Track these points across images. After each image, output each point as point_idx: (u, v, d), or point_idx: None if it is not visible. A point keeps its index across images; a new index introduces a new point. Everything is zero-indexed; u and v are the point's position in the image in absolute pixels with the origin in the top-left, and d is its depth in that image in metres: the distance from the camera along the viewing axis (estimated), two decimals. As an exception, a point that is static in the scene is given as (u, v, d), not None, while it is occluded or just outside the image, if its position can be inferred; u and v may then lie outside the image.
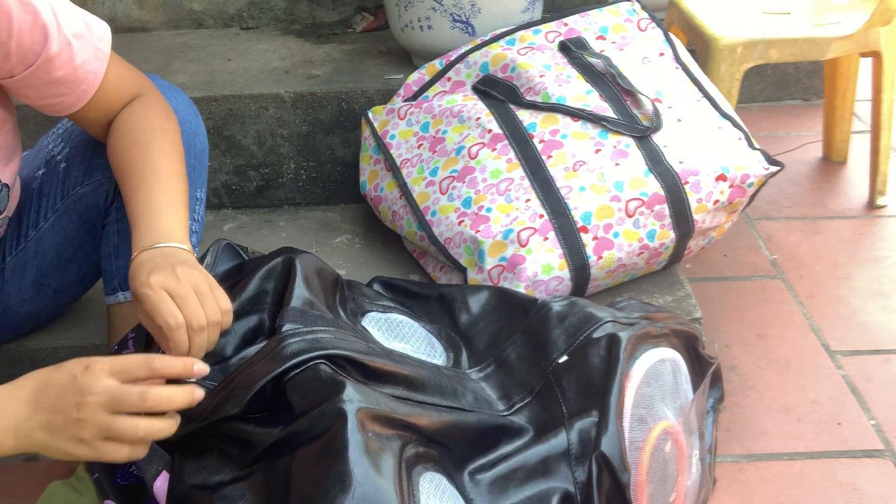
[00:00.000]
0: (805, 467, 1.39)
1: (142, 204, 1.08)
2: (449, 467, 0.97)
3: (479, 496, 0.97)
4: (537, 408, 1.06)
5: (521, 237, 1.41)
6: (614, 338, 1.07)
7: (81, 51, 1.11)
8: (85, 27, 1.12)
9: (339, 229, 1.82)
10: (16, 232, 1.35)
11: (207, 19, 2.28)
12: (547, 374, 1.07)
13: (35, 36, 1.06)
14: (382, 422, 0.91)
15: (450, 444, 0.98)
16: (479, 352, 1.14)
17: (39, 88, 1.12)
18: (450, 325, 1.18)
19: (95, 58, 1.13)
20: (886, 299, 1.77)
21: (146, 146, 1.13)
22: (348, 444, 0.86)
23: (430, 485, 0.92)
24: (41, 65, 1.08)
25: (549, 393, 1.06)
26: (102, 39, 1.14)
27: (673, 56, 1.63)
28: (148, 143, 1.13)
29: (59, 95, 1.13)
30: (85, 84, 1.13)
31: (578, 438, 1.02)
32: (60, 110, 1.15)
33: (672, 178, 1.45)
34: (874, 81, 1.99)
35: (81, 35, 1.11)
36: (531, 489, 0.99)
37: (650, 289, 1.54)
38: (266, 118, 1.86)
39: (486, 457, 1.00)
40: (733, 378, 1.57)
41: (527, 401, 1.07)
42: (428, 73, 1.69)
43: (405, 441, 0.92)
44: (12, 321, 1.41)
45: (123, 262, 1.32)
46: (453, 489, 0.95)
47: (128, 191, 1.11)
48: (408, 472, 0.90)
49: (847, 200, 2.12)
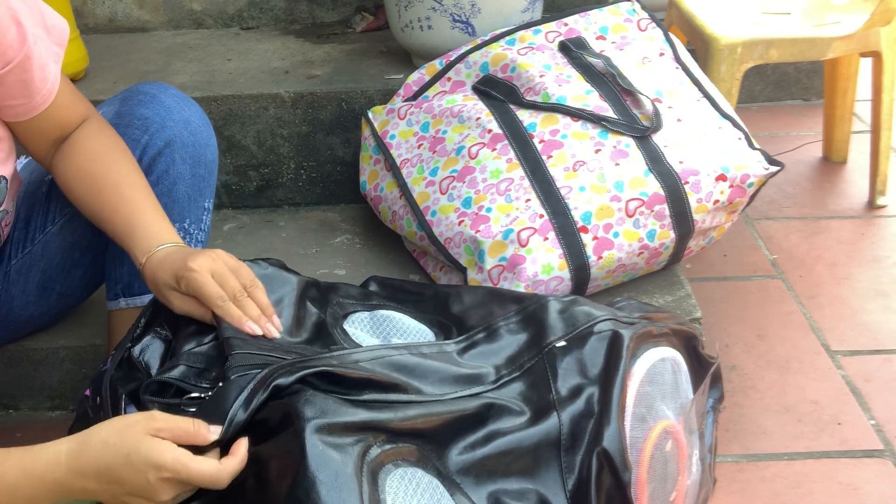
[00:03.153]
0: (805, 467, 1.39)
1: (133, 216, 1.13)
2: (427, 457, 0.95)
3: (464, 478, 0.96)
4: (524, 386, 1.04)
5: (521, 237, 1.41)
6: (617, 335, 1.06)
7: (44, 52, 1.13)
8: (44, 29, 1.14)
9: (339, 229, 1.82)
10: (23, 234, 1.35)
11: (207, 19, 2.28)
12: (541, 355, 1.06)
13: (17, 32, 1.07)
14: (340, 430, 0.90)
15: (425, 435, 0.96)
16: (469, 328, 1.12)
17: (11, 87, 1.12)
18: (442, 313, 1.17)
19: (55, 62, 1.15)
20: (886, 299, 1.77)
21: (117, 163, 1.18)
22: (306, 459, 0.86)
23: (402, 482, 0.90)
24: (20, 62, 1.09)
25: (539, 373, 1.05)
26: (60, 43, 1.17)
27: (673, 56, 1.63)
28: (117, 160, 1.18)
29: (25, 97, 1.14)
30: (49, 86, 1.15)
31: (570, 426, 1.01)
32: (21, 113, 1.16)
33: (672, 178, 1.45)
34: (874, 81, 1.99)
35: (42, 37, 1.13)
36: (517, 476, 0.98)
37: (650, 289, 1.54)
38: (266, 118, 1.86)
39: (473, 435, 0.98)
40: (733, 378, 1.57)
41: (514, 376, 1.05)
42: (428, 73, 1.69)
43: (368, 444, 0.90)
44: (15, 323, 1.42)
45: (128, 268, 1.32)
46: (431, 477, 0.93)
47: (107, 206, 1.15)
48: (372, 476, 0.89)
49: (847, 200, 2.12)
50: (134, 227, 1.12)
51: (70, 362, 1.52)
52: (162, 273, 1.05)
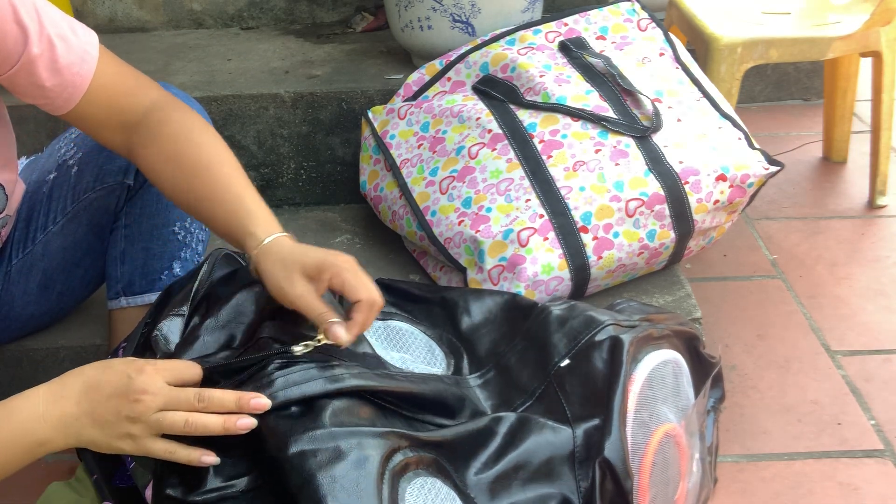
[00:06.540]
0: (805, 467, 1.39)
1: (243, 197, 1.09)
2: (446, 469, 0.96)
3: (480, 494, 0.97)
4: (539, 412, 1.05)
5: (521, 237, 1.41)
6: (617, 341, 1.06)
7: (67, 53, 1.10)
8: (71, 31, 1.11)
9: (339, 229, 1.82)
10: (23, 234, 1.35)
11: (207, 19, 2.28)
12: (549, 378, 1.07)
13: (16, 36, 1.06)
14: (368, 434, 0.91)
15: (445, 447, 0.97)
16: (479, 357, 1.14)
17: (26, 89, 1.11)
18: (451, 329, 1.17)
19: (83, 60, 1.11)
20: (886, 299, 1.77)
21: (206, 144, 1.13)
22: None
23: (422, 490, 0.91)
24: (23, 65, 1.08)
25: (551, 396, 1.06)
26: (91, 44, 1.13)
27: (673, 56, 1.63)
28: (202, 138, 1.14)
29: (44, 98, 1.12)
30: (71, 88, 1.11)
31: (584, 441, 1.02)
32: (53, 110, 1.14)
33: (672, 178, 1.45)
34: (874, 81, 1.99)
35: (66, 37, 1.10)
36: (533, 491, 0.99)
37: (650, 289, 1.54)
38: (266, 118, 1.86)
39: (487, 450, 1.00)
40: (733, 378, 1.57)
41: (528, 404, 1.06)
42: (428, 73, 1.69)
43: (392, 449, 0.91)
44: (16, 322, 1.42)
45: (129, 267, 1.32)
46: (449, 490, 0.94)
47: (204, 189, 1.10)
48: (393, 482, 0.89)
49: (847, 200, 2.12)
50: (248, 208, 1.08)
51: (70, 362, 1.52)
52: (300, 257, 1.02)
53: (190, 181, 1.11)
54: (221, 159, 1.12)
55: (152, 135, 1.14)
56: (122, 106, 1.15)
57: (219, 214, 1.09)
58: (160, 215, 1.32)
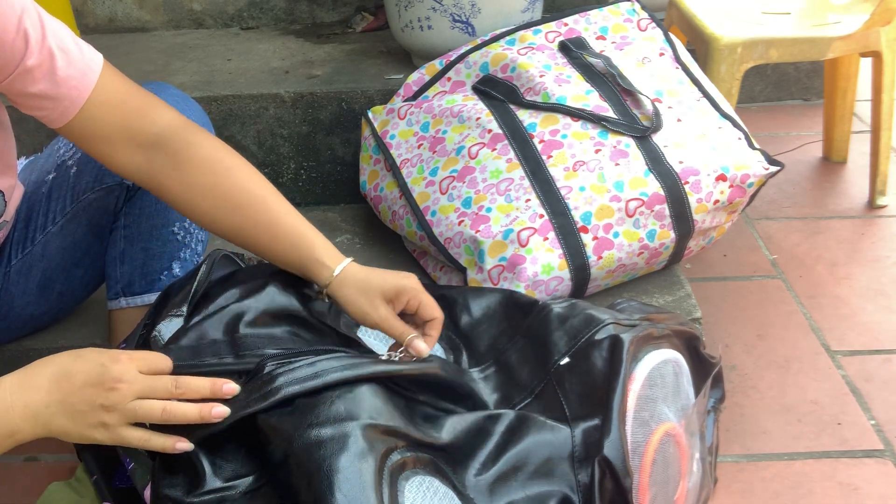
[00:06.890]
0: (805, 467, 1.39)
1: (302, 231, 1.13)
2: (444, 470, 0.96)
3: (480, 494, 0.97)
4: (538, 410, 1.05)
5: (521, 237, 1.41)
6: (617, 339, 1.06)
7: (67, 66, 1.07)
8: (76, 48, 1.09)
9: (339, 229, 1.82)
10: (23, 235, 1.35)
11: (207, 19, 2.28)
12: (548, 376, 1.07)
13: (17, 43, 1.03)
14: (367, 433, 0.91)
15: (442, 449, 0.97)
16: (479, 354, 1.14)
17: (22, 98, 1.08)
18: (450, 326, 1.18)
19: (83, 75, 1.08)
20: (886, 299, 1.77)
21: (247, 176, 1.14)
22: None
23: (420, 488, 0.91)
24: (19, 75, 1.05)
25: (550, 395, 1.06)
26: (95, 62, 1.10)
27: (673, 56, 1.63)
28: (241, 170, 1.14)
29: (41, 109, 1.09)
30: (68, 100, 1.08)
31: (583, 440, 1.02)
32: (50, 123, 1.11)
33: (672, 178, 1.45)
34: (874, 81, 1.99)
35: (68, 51, 1.07)
36: (532, 489, 0.99)
37: (650, 289, 1.54)
38: (266, 118, 1.86)
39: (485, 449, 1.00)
40: (733, 378, 1.57)
41: (527, 402, 1.06)
42: (428, 73, 1.69)
43: (390, 448, 0.91)
44: (15, 323, 1.42)
45: (128, 268, 1.32)
46: (447, 489, 0.94)
47: (255, 222, 1.12)
48: (391, 478, 0.89)
49: (847, 200, 2.12)
50: (310, 240, 1.12)
51: (70, 362, 1.52)
52: (379, 282, 1.08)
53: (233, 216, 1.12)
54: (264, 190, 1.13)
55: (174, 162, 1.11)
56: (130, 125, 1.11)
57: (277, 248, 1.12)
58: (159, 215, 1.32)
